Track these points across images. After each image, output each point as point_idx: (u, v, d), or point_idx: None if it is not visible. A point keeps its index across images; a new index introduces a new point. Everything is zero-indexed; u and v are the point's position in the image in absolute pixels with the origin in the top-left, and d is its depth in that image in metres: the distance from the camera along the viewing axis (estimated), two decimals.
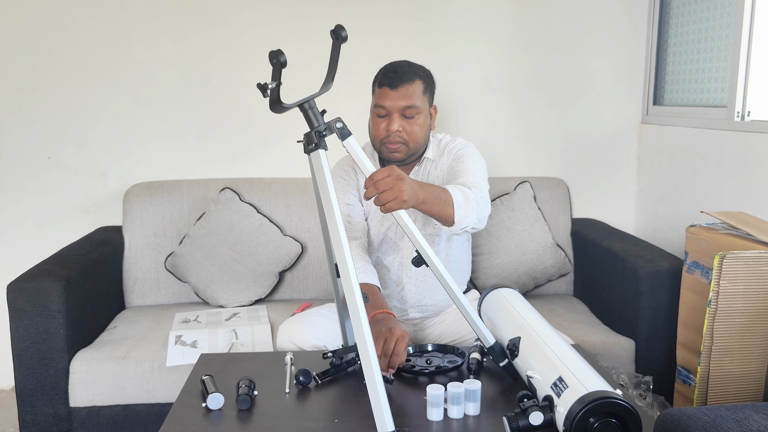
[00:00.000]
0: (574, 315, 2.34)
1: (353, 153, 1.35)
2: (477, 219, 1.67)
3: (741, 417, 1.13)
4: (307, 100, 1.29)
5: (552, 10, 2.66)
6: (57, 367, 1.96)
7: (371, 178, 1.37)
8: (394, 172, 1.40)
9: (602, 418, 1.14)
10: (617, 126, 2.76)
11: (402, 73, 1.81)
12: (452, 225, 1.64)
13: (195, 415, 1.37)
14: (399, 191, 1.38)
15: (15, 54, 2.54)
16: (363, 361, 1.16)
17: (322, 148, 1.27)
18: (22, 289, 1.93)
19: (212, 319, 2.28)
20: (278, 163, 2.68)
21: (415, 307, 1.96)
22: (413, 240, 1.39)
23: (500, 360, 1.49)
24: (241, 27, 2.59)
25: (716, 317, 1.64)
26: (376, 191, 1.37)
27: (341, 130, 1.31)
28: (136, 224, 2.49)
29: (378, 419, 1.14)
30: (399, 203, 1.39)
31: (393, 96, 1.79)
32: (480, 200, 1.69)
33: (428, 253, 1.40)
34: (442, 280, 1.41)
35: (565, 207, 2.64)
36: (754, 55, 2.10)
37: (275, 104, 1.27)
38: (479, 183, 1.76)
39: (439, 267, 1.40)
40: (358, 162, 1.37)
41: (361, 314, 1.18)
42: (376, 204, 1.40)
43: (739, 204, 2.11)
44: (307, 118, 1.29)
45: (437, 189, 1.59)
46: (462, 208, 1.62)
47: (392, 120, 1.79)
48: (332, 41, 1.31)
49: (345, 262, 1.21)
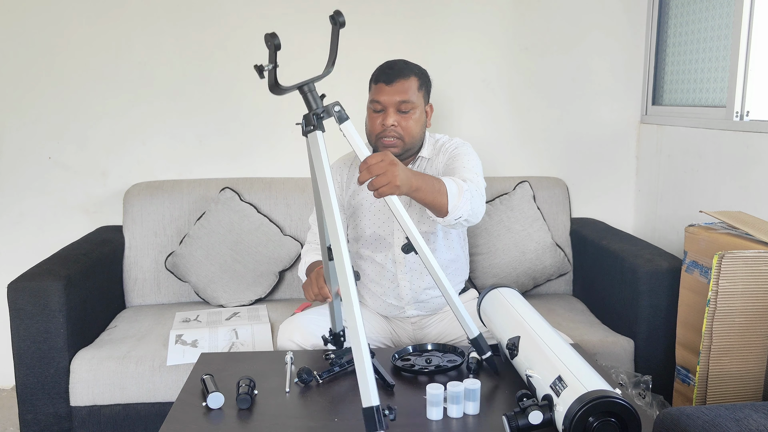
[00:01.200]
0: (574, 314, 2.34)
1: (350, 137, 1.37)
2: (471, 210, 1.68)
3: (740, 416, 1.13)
4: (307, 83, 1.32)
5: (551, 10, 2.66)
6: (57, 367, 1.97)
7: (365, 162, 1.39)
8: (388, 157, 1.41)
9: (601, 418, 1.15)
10: (616, 126, 2.76)
11: (398, 69, 1.84)
12: (446, 215, 1.64)
13: (195, 414, 1.38)
14: (392, 176, 1.40)
15: (15, 54, 2.54)
16: (353, 339, 1.19)
17: (320, 130, 1.30)
18: (22, 289, 1.93)
19: (212, 318, 2.28)
20: (278, 163, 2.68)
21: (411, 304, 1.97)
22: (404, 226, 1.41)
23: (483, 352, 1.51)
24: (241, 27, 2.59)
25: (715, 317, 1.64)
26: (370, 175, 1.39)
27: (339, 113, 1.34)
28: (137, 224, 2.49)
29: (363, 393, 1.16)
30: (392, 188, 1.41)
31: (388, 91, 1.81)
32: (474, 193, 1.70)
33: (418, 240, 1.42)
34: (430, 267, 1.44)
35: (564, 207, 2.65)
36: (753, 54, 2.11)
37: (274, 86, 1.30)
38: (475, 179, 1.77)
39: (427, 255, 1.43)
40: (354, 146, 1.39)
41: (352, 294, 1.20)
42: (369, 189, 1.41)
43: (738, 204, 2.11)
44: (306, 100, 1.32)
45: (431, 178, 1.60)
46: (456, 198, 1.62)
47: (387, 115, 1.81)
48: (331, 26, 1.34)
49: (339, 243, 1.23)
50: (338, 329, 1.67)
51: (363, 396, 1.16)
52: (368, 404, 1.15)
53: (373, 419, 1.15)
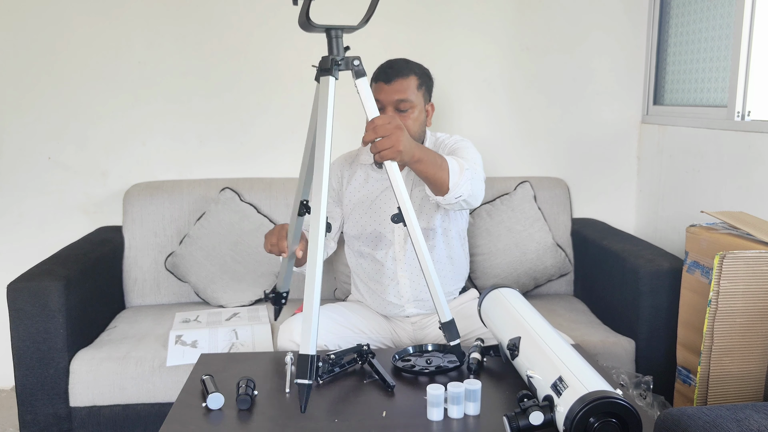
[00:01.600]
0: (574, 315, 2.34)
1: (362, 92, 1.40)
2: (471, 191, 1.68)
3: (741, 417, 1.12)
4: (336, 28, 1.35)
5: (552, 10, 2.66)
6: (57, 367, 1.96)
7: (372, 122, 1.41)
8: (395, 121, 1.44)
9: (602, 418, 1.14)
10: (617, 126, 2.76)
11: (397, 68, 1.85)
12: (446, 193, 1.64)
13: (195, 415, 1.37)
14: (396, 140, 1.41)
15: (15, 54, 2.54)
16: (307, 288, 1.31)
17: (333, 76, 1.33)
18: (22, 289, 1.93)
19: (212, 319, 2.28)
20: (278, 163, 2.68)
21: (411, 302, 1.96)
22: (398, 194, 1.42)
23: (452, 339, 1.51)
24: (241, 26, 2.59)
25: (716, 317, 1.64)
26: (375, 135, 1.40)
27: (357, 68, 1.39)
28: (136, 224, 2.49)
29: (303, 341, 1.27)
30: (394, 152, 1.42)
31: (387, 90, 1.82)
32: (474, 175, 1.70)
33: (410, 215, 1.43)
34: (416, 242, 1.45)
35: (565, 207, 2.64)
36: (754, 54, 2.10)
37: (305, 20, 1.31)
38: (474, 166, 1.77)
39: (417, 231, 1.44)
40: (365, 103, 1.41)
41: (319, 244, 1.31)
42: (372, 151, 1.43)
43: (740, 204, 2.11)
44: (330, 44, 1.35)
45: (433, 152, 1.61)
46: (457, 175, 1.63)
47: (386, 113, 1.80)
48: None
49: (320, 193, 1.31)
50: (283, 289, 1.71)
51: (302, 345, 1.27)
52: (305, 352, 1.26)
53: (307, 367, 1.26)
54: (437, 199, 1.69)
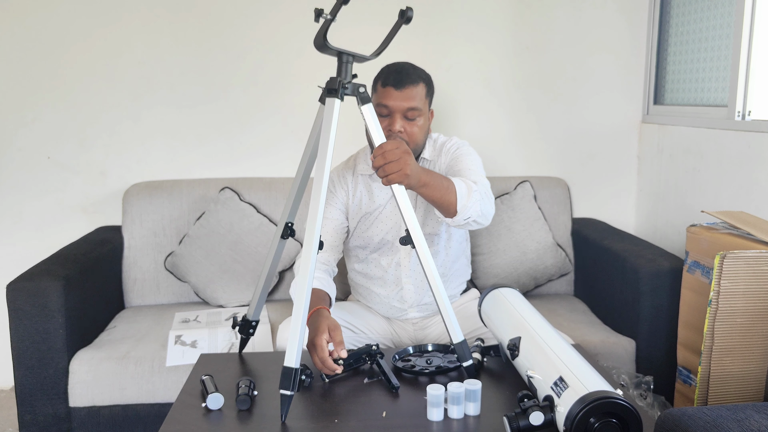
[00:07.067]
0: (575, 315, 2.33)
1: (368, 119, 1.45)
2: (480, 212, 1.67)
3: (742, 417, 1.12)
4: (350, 54, 1.40)
5: (552, 9, 2.66)
6: (57, 367, 1.96)
7: (381, 147, 1.44)
8: (403, 146, 1.46)
9: (603, 418, 1.14)
10: (617, 125, 2.75)
11: (407, 74, 1.80)
12: (454, 215, 1.63)
13: (195, 415, 1.37)
14: (404, 164, 1.44)
15: (15, 54, 2.53)
16: (296, 303, 1.33)
17: (339, 99, 1.38)
18: (21, 289, 1.92)
19: (212, 318, 2.28)
20: (278, 163, 2.67)
21: (414, 307, 1.96)
22: (406, 218, 1.45)
23: (464, 359, 1.50)
24: (241, 27, 2.58)
25: (717, 317, 1.64)
26: (384, 161, 1.43)
27: (363, 95, 1.43)
28: (136, 224, 2.49)
29: (289, 354, 1.31)
30: (401, 176, 1.45)
31: (397, 96, 1.78)
32: (484, 195, 1.69)
33: (418, 235, 1.46)
34: (426, 264, 1.47)
35: (565, 206, 2.64)
36: (754, 54, 2.10)
37: (322, 38, 1.36)
38: (482, 181, 1.76)
39: (424, 250, 1.46)
40: (371, 129, 1.46)
41: (312, 260, 1.33)
42: (380, 175, 1.45)
43: (740, 203, 2.11)
44: (339, 68, 1.40)
45: (440, 176, 1.61)
46: (465, 197, 1.62)
47: (394, 120, 1.78)
48: (397, 18, 1.43)
49: (317, 209, 1.36)
50: (253, 318, 1.72)
51: (287, 356, 1.31)
52: (289, 364, 1.30)
53: (290, 378, 1.30)
54: (446, 221, 1.68)
